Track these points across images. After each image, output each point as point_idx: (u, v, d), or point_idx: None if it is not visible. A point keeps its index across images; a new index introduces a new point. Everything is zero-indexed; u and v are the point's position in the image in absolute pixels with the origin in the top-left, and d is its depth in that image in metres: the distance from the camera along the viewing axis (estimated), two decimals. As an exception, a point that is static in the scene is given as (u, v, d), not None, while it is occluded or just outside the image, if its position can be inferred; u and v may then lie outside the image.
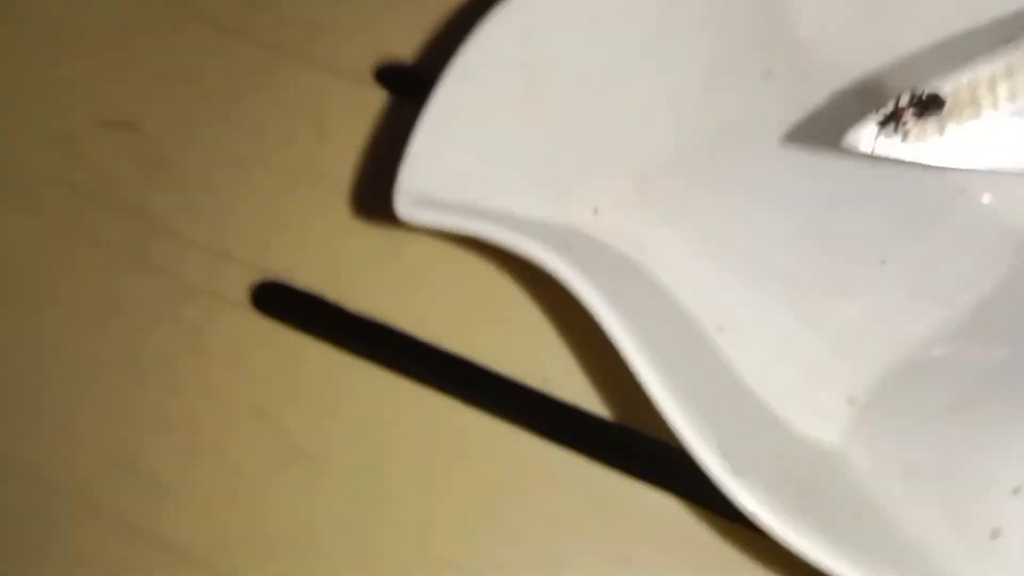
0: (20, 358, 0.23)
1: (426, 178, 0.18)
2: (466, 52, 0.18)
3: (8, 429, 0.22)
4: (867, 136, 0.16)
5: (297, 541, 0.21)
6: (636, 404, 0.22)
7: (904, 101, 0.16)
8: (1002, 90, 0.16)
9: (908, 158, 0.16)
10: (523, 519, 0.21)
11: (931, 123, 0.16)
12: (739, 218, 0.22)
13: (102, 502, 0.22)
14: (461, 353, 0.22)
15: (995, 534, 0.15)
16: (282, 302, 0.23)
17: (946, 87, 0.16)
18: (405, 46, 0.25)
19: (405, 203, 0.17)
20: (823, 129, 0.23)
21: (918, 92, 0.16)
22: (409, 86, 0.25)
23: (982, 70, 0.16)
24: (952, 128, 0.16)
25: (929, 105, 0.16)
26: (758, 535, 0.20)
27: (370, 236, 0.23)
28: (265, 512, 0.21)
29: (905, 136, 0.16)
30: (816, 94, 0.23)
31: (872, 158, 0.20)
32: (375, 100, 0.24)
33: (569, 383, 0.22)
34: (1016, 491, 0.15)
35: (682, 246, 0.22)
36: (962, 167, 0.16)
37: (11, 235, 0.24)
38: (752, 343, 0.21)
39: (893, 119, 0.16)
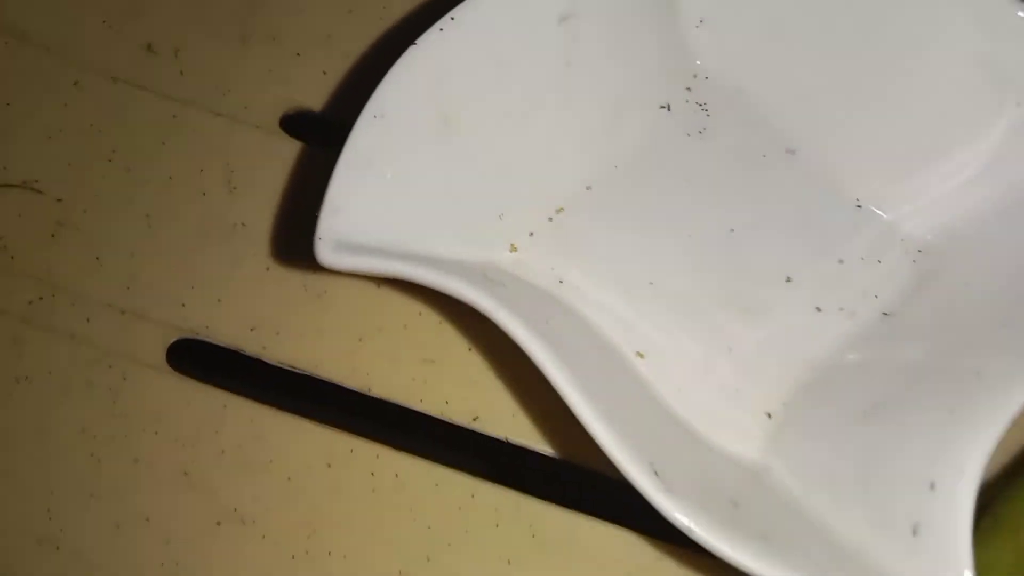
0: (-80, 439, 0.22)
1: (345, 223, 0.18)
2: (379, 95, 0.19)
3: (-88, 516, 0.21)
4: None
5: (235, 604, 0.21)
6: (569, 437, 0.22)
7: None
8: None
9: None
10: (464, 561, 0.21)
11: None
12: (647, 247, 0.24)
13: (22, 584, 0.21)
14: (390, 398, 0.23)
15: (915, 530, 0.16)
16: (200, 359, 0.23)
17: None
18: (312, 95, 0.25)
19: (326, 249, 0.18)
20: (722, 157, 0.24)
21: None
22: (318, 134, 0.25)
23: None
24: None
25: None
26: (699, 554, 0.21)
27: (288, 286, 0.23)
28: (199, 577, 0.21)
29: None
30: (714, 124, 0.25)
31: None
32: (284, 149, 0.25)
33: (500, 420, 0.23)
34: (932, 486, 0.16)
35: (596, 277, 0.23)
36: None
37: (-99, 309, 0.23)
38: (670, 367, 0.22)
39: None
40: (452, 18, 0.20)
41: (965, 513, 0.16)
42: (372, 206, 0.19)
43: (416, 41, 0.19)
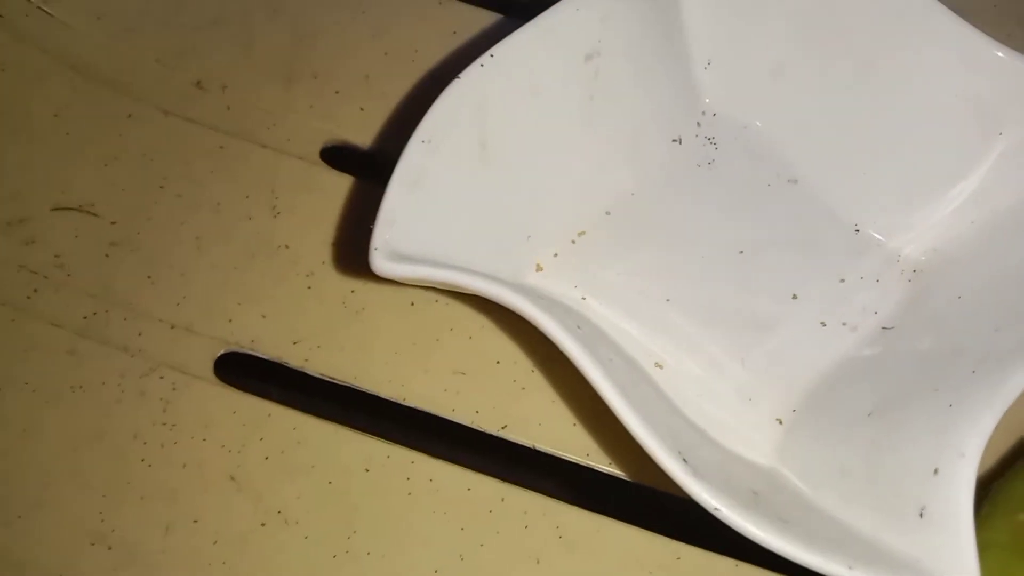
0: (-19, 444, 0.23)
1: (397, 235, 0.20)
2: (427, 121, 0.21)
3: (-26, 516, 0.22)
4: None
5: (280, 599, 0.22)
6: (592, 443, 0.24)
7: None
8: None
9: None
10: (495, 560, 0.23)
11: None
12: (662, 267, 0.25)
13: (76, 581, 0.22)
14: (423, 407, 0.24)
15: (922, 512, 0.18)
16: (246, 371, 0.24)
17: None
18: (350, 129, 0.27)
19: (381, 258, 0.19)
20: (730, 186, 0.26)
21: None
22: (355, 165, 0.27)
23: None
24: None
25: None
26: (717, 553, 0.22)
27: (328, 304, 0.25)
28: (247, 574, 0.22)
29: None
30: (722, 156, 0.27)
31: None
32: (324, 178, 0.26)
33: (527, 429, 0.24)
34: (935, 471, 0.18)
35: (615, 294, 0.25)
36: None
37: (-34, 322, 0.24)
38: (686, 378, 0.24)
39: None
40: (492, 55, 0.22)
41: (967, 493, 0.17)
42: (419, 222, 0.21)
43: (460, 75, 0.21)
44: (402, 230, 0.20)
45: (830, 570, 0.17)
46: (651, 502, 0.24)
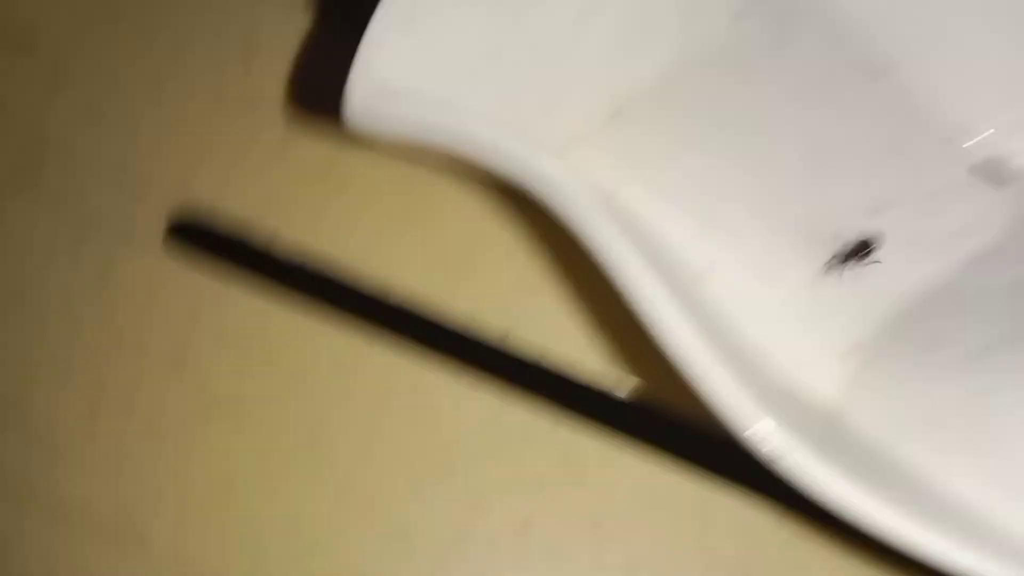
0: None
1: (382, 80, 0.15)
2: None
3: None
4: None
5: (221, 505, 0.18)
6: (612, 356, 0.20)
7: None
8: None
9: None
10: (484, 480, 0.18)
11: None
12: (716, 162, 0.21)
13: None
14: (412, 299, 0.20)
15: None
16: (203, 240, 0.20)
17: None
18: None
19: (358, 105, 0.14)
20: (803, 74, 0.21)
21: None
22: (342, 9, 0.22)
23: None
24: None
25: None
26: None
27: (307, 165, 0.21)
28: (182, 474, 0.18)
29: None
30: (795, 37, 0.22)
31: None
32: (306, 25, 0.21)
33: (534, 337, 0.19)
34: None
35: (658, 188, 0.20)
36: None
37: None
38: (736, 291, 0.19)
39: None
40: None
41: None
42: (414, 64, 0.16)
43: None
44: (392, 72, 0.15)
45: (928, 548, 0.12)
46: (678, 433, 0.20)
